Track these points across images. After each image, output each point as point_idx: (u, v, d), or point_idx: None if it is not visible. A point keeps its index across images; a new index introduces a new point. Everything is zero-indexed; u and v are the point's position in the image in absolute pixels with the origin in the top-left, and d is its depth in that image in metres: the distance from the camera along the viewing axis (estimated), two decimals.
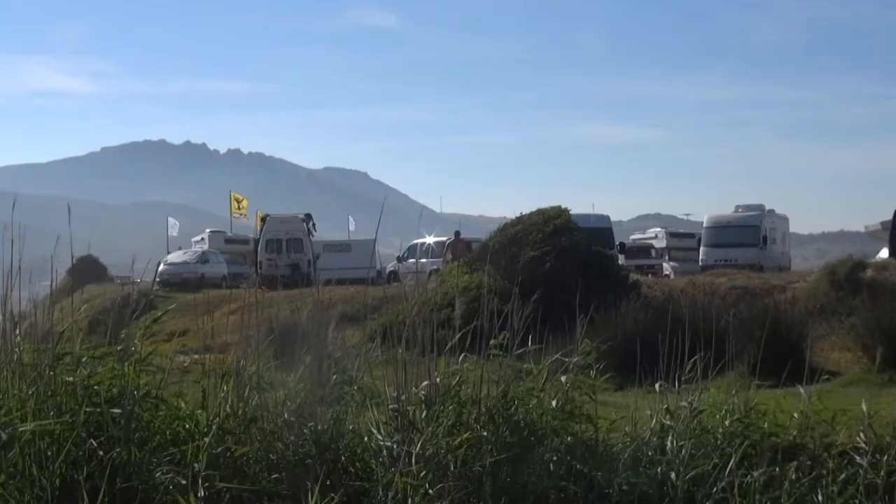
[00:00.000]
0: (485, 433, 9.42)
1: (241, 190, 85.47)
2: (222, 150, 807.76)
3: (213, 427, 9.19)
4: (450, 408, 9.46)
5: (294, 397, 9.75)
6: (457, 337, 10.17)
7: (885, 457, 9.78)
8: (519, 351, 10.27)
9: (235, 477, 9.04)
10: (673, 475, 9.58)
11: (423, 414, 9.29)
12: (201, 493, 8.30)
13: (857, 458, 9.91)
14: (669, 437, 10.00)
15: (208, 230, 73.59)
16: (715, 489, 9.49)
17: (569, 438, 9.87)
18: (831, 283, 29.82)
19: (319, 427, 9.41)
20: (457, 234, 47.46)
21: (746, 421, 10.49)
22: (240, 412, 9.63)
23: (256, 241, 58.81)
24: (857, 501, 9.60)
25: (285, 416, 9.59)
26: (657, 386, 10.70)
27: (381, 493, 8.63)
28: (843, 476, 9.71)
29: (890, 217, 49.01)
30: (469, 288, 26.13)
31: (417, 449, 8.79)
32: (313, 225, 58.23)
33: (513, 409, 9.77)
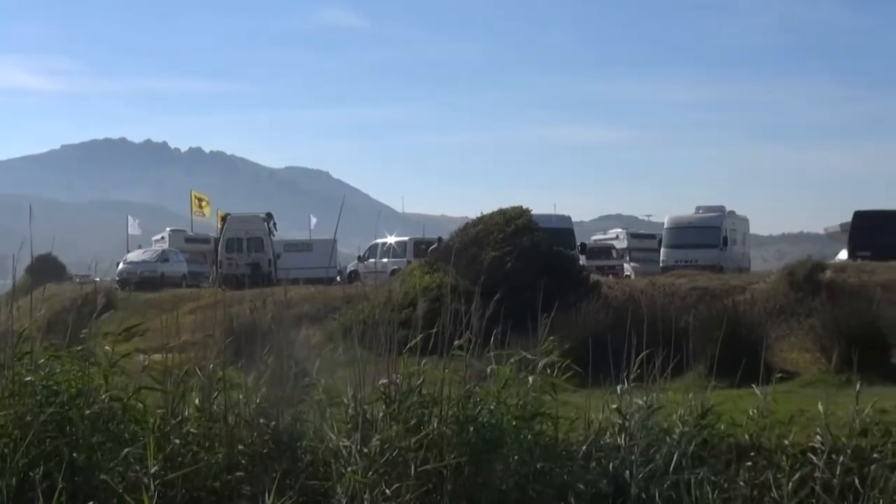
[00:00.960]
0: (446, 433, 9.43)
1: (202, 189, 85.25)
2: (183, 149, 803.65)
3: (173, 426, 9.16)
4: (410, 408, 9.46)
5: (254, 397, 9.74)
6: (419, 337, 10.17)
7: (841, 457, 9.85)
8: (477, 347, 10.27)
9: (195, 476, 9.02)
10: (627, 473, 9.63)
11: (381, 414, 9.29)
12: (157, 492, 8.26)
13: (814, 457, 9.98)
14: (623, 436, 10.04)
15: (168, 229, 73.37)
16: (667, 485, 9.53)
17: (529, 438, 9.89)
18: (790, 284, 30.01)
19: (279, 427, 9.41)
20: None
21: (703, 421, 10.53)
22: (200, 412, 9.60)
23: (217, 241, 58.59)
24: (812, 501, 9.66)
25: (245, 415, 9.57)
26: (618, 389, 10.73)
27: (338, 492, 8.63)
28: (797, 476, 9.77)
29: (849, 219, 49.42)
30: (430, 288, 26.14)
31: (375, 449, 8.80)
32: (274, 224, 58.07)
33: (475, 408, 9.77)
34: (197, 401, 9.65)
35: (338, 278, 52.71)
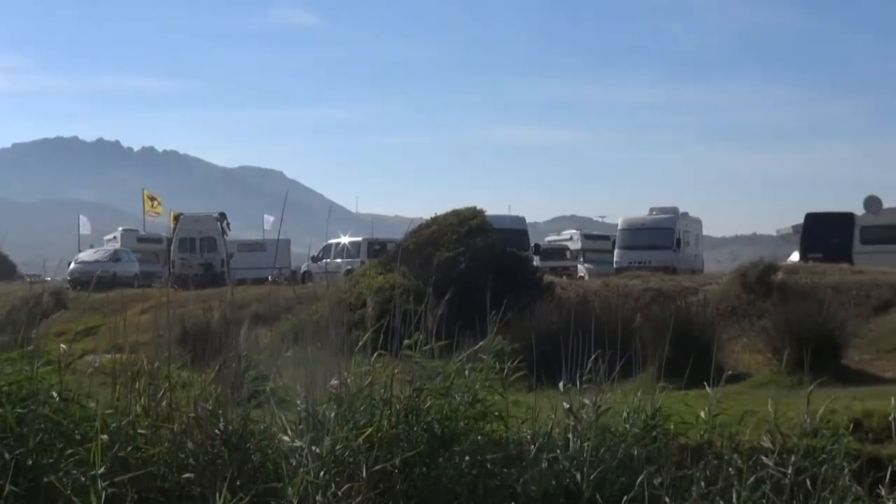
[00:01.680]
0: (397, 433, 9.41)
1: (155, 188, 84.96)
2: (136, 148, 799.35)
3: (122, 426, 9.09)
4: (361, 408, 9.44)
5: (205, 397, 9.68)
6: (367, 336, 10.15)
7: (792, 457, 9.91)
8: (429, 347, 10.27)
9: (145, 477, 8.95)
10: (578, 474, 9.64)
11: (333, 414, 9.26)
12: (105, 493, 8.18)
13: (764, 458, 10.03)
14: (573, 437, 10.05)
15: (121, 228, 73.13)
16: (620, 489, 9.55)
17: (479, 437, 9.88)
18: (742, 285, 30.23)
19: (230, 427, 9.36)
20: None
21: (652, 422, 10.56)
22: (150, 412, 9.54)
23: (169, 240, 58.35)
24: (764, 502, 9.71)
25: (196, 415, 9.51)
26: (561, 386, 10.75)
27: (289, 493, 8.59)
28: (752, 477, 9.82)
29: (801, 221, 49.84)
30: (383, 288, 26.13)
31: (326, 449, 8.77)
32: (227, 224, 57.89)
33: (425, 408, 9.76)
34: (143, 400, 9.58)
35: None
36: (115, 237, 70.14)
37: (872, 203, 48.42)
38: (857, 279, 30.67)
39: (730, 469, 9.88)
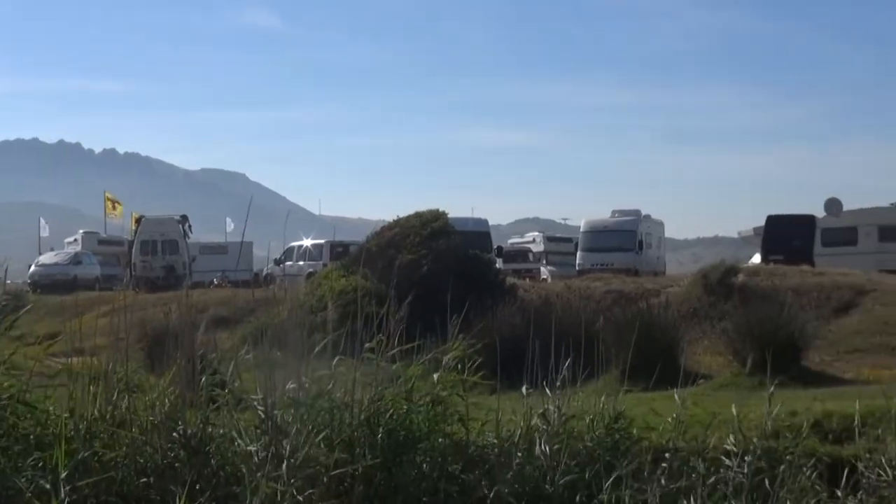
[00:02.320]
0: (357, 436, 9.37)
1: (117, 191, 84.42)
2: (97, 150, 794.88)
3: (81, 431, 9.02)
4: (321, 412, 9.39)
5: (163, 401, 9.61)
6: (328, 339, 10.11)
7: (752, 458, 9.96)
8: (392, 351, 10.24)
9: (103, 482, 8.87)
10: (540, 477, 9.64)
11: (292, 418, 9.21)
12: (65, 498, 8.11)
13: (727, 460, 10.07)
14: (536, 440, 10.05)
15: (81, 231, 72.65)
16: (584, 493, 9.56)
17: (440, 441, 9.86)
18: (704, 287, 30.36)
19: (189, 431, 9.30)
20: None
21: (615, 425, 10.57)
22: (108, 416, 9.47)
23: (131, 243, 58.13)
24: (725, 503, 9.74)
25: (154, 419, 9.44)
26: (524, 389, 10.75)
27: (248, 498, 8.54)
28: (712, 479, 9.86)
29: (763, 223, 50.14)
30: (345, 291, 26.13)
31: (286, 453, 8.72)
32: (189, 226, 57.72)
33: (386, 411, 9.73)
34: (100, 404, 9.51)
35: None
36: (75, 240, 69.69)
37: (833, 205, 48.73)
38: (817, 281, 30.86)
39: (693, 473, 9.91)
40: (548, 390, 10.60)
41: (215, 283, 50.59)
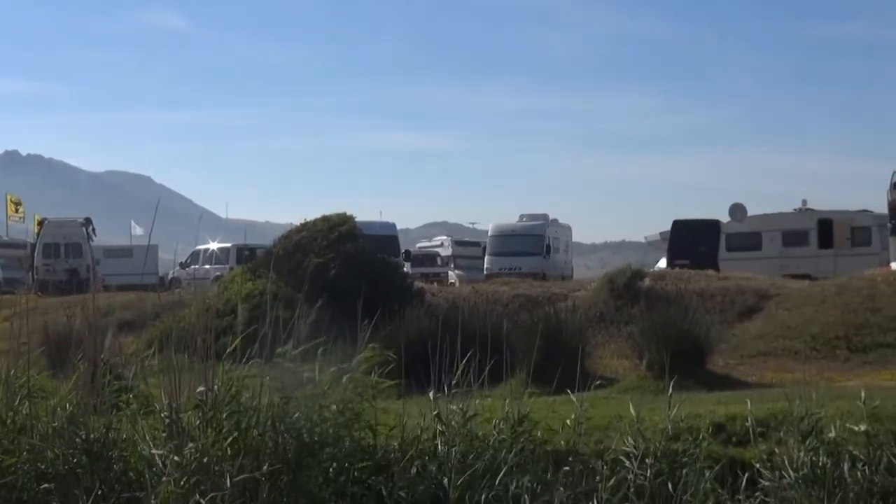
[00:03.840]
0: (264, 441, 9.31)
1: (19, 192, 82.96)
2: None
3: None
4: (228, 416, 9.32)
5: (64, 405, 9.48)
6: (236, 342, 10.04)
7: (652, 460, 10.07)
8: (296, 351, 10.19)
9: (3, 488, 8.74)
10: (446, 480, 9.65)
11: (198, 422, 9.13)
12: None
13: (627, 462, 10.16)
14: (441, 443, 10.06)
15: None
16: (487, 495, 9.58)
17: (347, 445, 9.83)
18: (611, 291, 30.50)
19: (92, 436, 9.18)
20: None
21: (520, 427, 10.61)
22: (9, 421, 9.33)
23: (33, 246, 57.23)
24: None
25: (56, 424, 9.31)
26: (431, 393, 10.76)
27: (151, 502, 8.46)
28: (613, 480, 9.94)
29: (669, 228, 50.65)
30: (252, 294, 25.95)
31: (190, 457, 8.65)
32: (93, 229, 56.99)
33: (294, 416, 9.68)
34: (5, 409, 9.36)
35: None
36: None
37: (737, 210, 49.35)
38: (722, 285, 31.17)
39: (596, 475, 9.98)
40: (446, 391, 10.62)
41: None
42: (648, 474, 9.98)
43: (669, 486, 9.93)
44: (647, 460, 10.10)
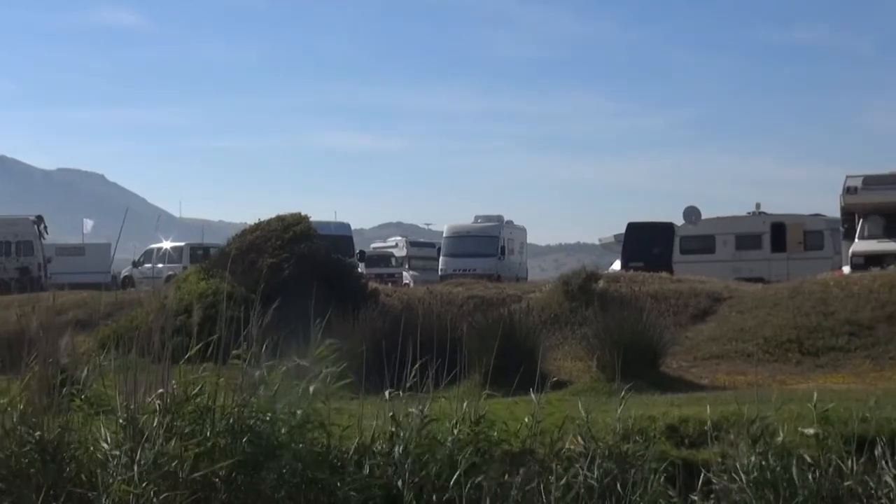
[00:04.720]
0: (219, 442, 9.28)
1: None
2: None
3: None
4: (183, 417, 9.28)
5: (17, 406, 9.41)
6: (198, 346, 10.00)
7: (601, 460, 10.14)
8: (251, 351, 10.15)
9: None
10: (400, 482, 9.66)
11: (154, 423, 9.09)
12: None
13: (578, 462, 10.22)
14: (396, 444, 10.07)
15: None
16: (444, 496, 9.60)
17: (301, 446, 9.81)
18: (565, 293, 30.56)
19: (45, 436, 9.11)
20: None
21: (476, 429, 10.63)
22: None
23: None
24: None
25: (7, 425, 9.24)
26: (386, 393, 10.76)
27: (104, 502, 8.41)
28: (564, 480, 9.99)
29: (623, 230, 50.85)
30: (206, 294, 25.86)
31: (144, 457, 8.61)
32: (45, 227, 56.53)
33: (249, 417, 9.65)
34: None
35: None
36: None
37: (691, 213, 49.57)
38: (675, 288, 31.32)
39: (550, 476, 10.02)
40: (404, 394, 10.63)
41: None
42: (597, 474, 10.04)
43: (619, 486, 9.99)
44: (596, 460, 10.17)
